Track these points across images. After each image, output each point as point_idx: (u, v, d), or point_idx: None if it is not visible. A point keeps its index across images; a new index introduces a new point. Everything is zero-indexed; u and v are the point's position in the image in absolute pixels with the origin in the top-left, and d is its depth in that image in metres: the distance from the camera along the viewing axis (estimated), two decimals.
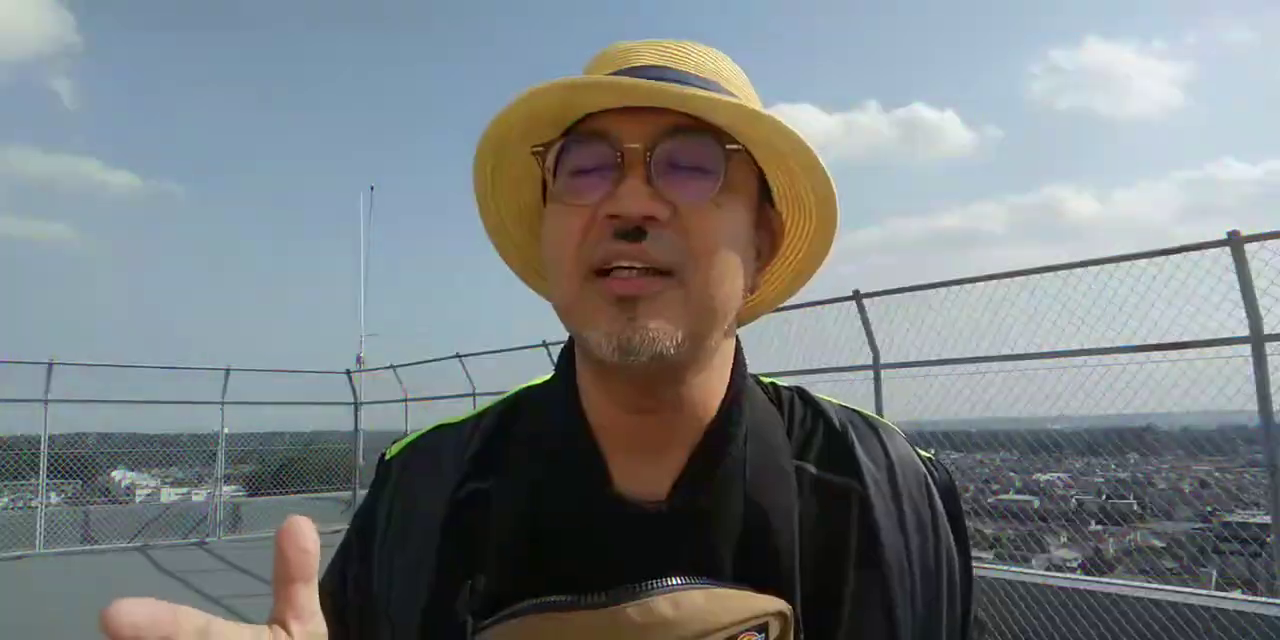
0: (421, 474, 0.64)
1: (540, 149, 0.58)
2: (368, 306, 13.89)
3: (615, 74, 0.58)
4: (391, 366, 11.33)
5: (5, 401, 9.31)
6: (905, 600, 0.58)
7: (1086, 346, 4.60)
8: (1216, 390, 4.12)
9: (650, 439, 0.59)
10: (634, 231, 0.53)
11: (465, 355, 9.84)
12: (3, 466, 9.90)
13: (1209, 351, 4.12)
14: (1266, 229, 3.90)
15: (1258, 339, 3.88)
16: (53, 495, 10.21)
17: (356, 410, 12.06)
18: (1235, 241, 3.93)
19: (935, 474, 0.65)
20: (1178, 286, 4.19)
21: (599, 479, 0.58)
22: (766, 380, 0.69)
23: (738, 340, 0.64)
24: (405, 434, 0.69)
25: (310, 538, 0.39)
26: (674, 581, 0.52)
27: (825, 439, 0.63)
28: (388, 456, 0.68)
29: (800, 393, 0.68)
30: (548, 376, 0.67)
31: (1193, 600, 4.05)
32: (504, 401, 0.68)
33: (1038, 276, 4.86)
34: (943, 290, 5.32)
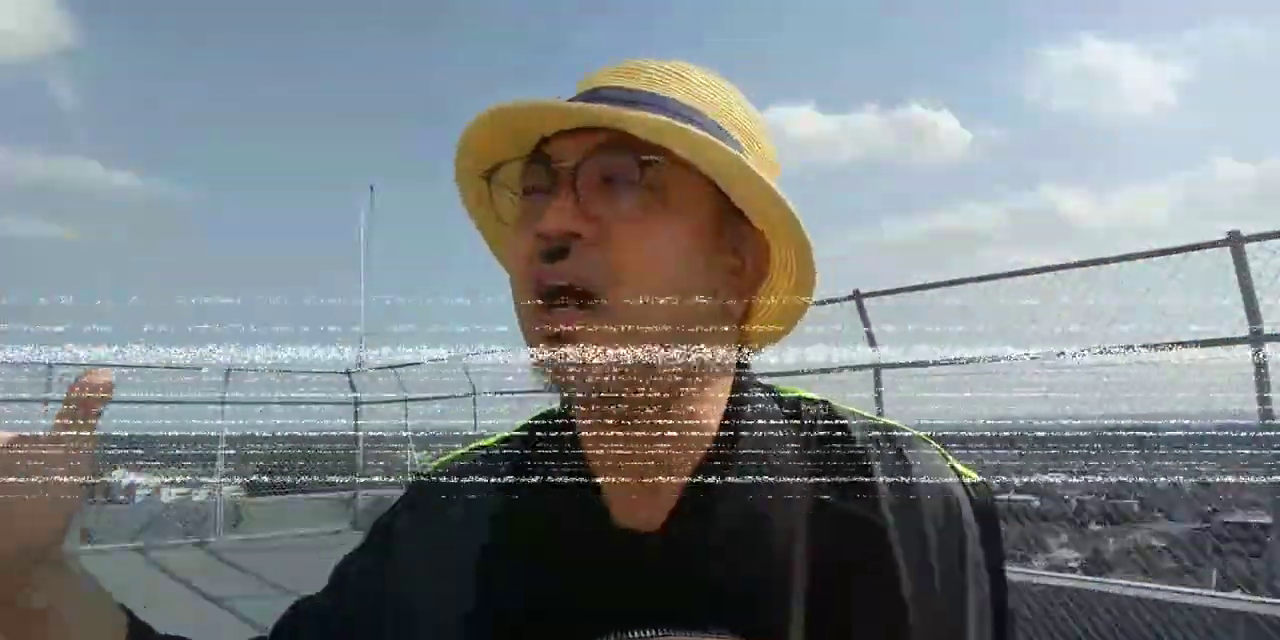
0: (454, 497, 0.64)
1: (487, 172, 0.59)
2: (368, 306, 13.89)
3: (575, 98, 0.59)
4: (391, 366, 11.33)
5: (5, 402, 9.31)
6: (923, 631, 0.54)
7: (1086, 346, 4.59)
8: (1216, 390, 4.12)
9: (644, 467, 0.57)
10: (556, 251, 0.53)
11: (465, 355, 9.84)
12: None
13: (1209, 351, 4.12)
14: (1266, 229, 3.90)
15: (1258, 339, 3.88)
16: None
17: (356, 410, 12.07)
18: (1235, 241, 3.93)
19: (970, 493, 0.60)
20: (1178, 286, 4.19)
21: (596, 510, 0.57)
22: (790, 394, 0.65)
23: (744, 361, 0.62)
24: (406, 433, 0.70)
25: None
26: (650, 632, 0.49)
27: (843, 462, 0.59)
28: (421, 477, 0.68)
29: (827, 407, 0.63)
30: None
31: (1192, 600, 4.05)
32: (526, 427, 0.67)
33: (1037, 276, 4.85)
34: (942, 290, 5.31)
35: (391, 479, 11.47)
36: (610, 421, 0.56)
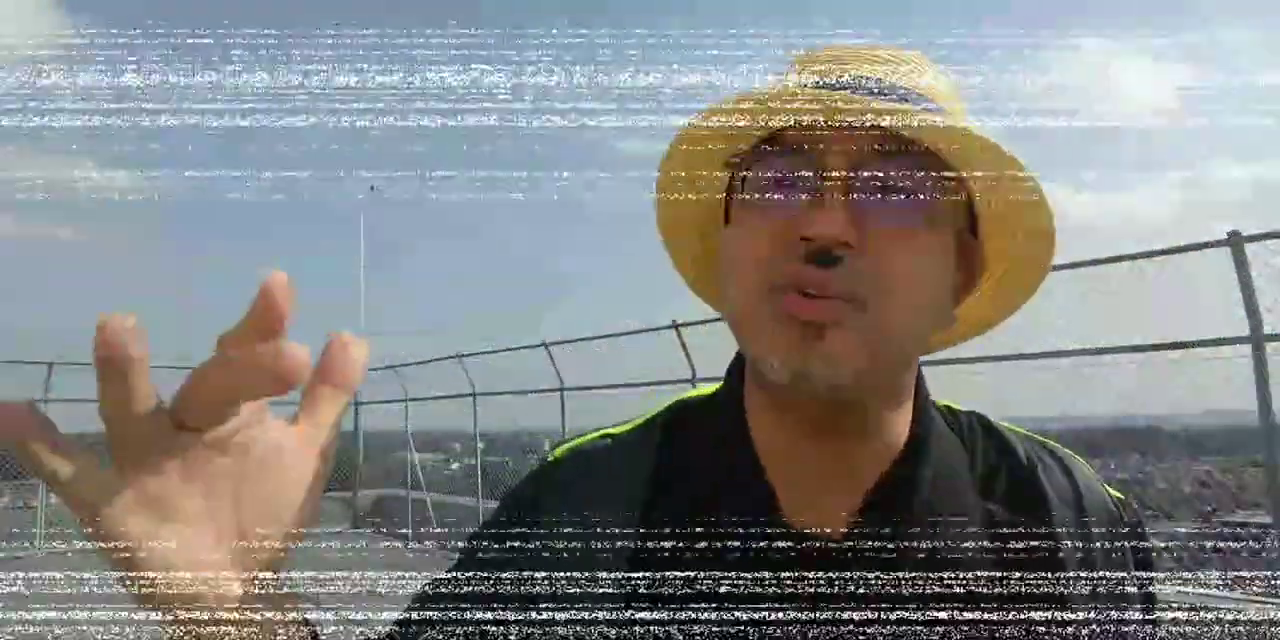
0: (592, 480, 0.62)
1: (736, 159, 0.56)
2: (368, 307, 13.90)
3: (822, 87, 0.56)
4: (392, 366, 11.34)
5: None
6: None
7: (1086, 346, 4.60)
8: (1216, 390, 4.12)
9: (825, 469, 0.56)
10: (826, 256, 0.49)
11: (465, 355, 9.84)
12: (3, 466, 9.89)
13: (1209, 351, 4.12)
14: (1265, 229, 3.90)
15: (1258, 339, 3.88)
16: (53, 495, 10.21)
17: (356, 410, 12.07)
18: (1235, 241, 3.93)
19: (1123, 512, 0.61)
20: (1178, 286, 4.19)
21: (766, 506, 0.55)
22: (942, 403, 0.65)
23: (920, 371, 0.61)
24: (406, 434, 0.69)
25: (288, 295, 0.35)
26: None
27: (1010, 474, 0.60)
28: (553, 458, 0.65)
29: (980, 420, 0.64)
30: (710, 389, 0.65)
31: (1193, 600, 4.05)
32: (666, 414, 0.65)
33: None
34: None
35: (391, 479, 11.49)
36: (811, 417, 0.54)
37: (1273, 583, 4.03)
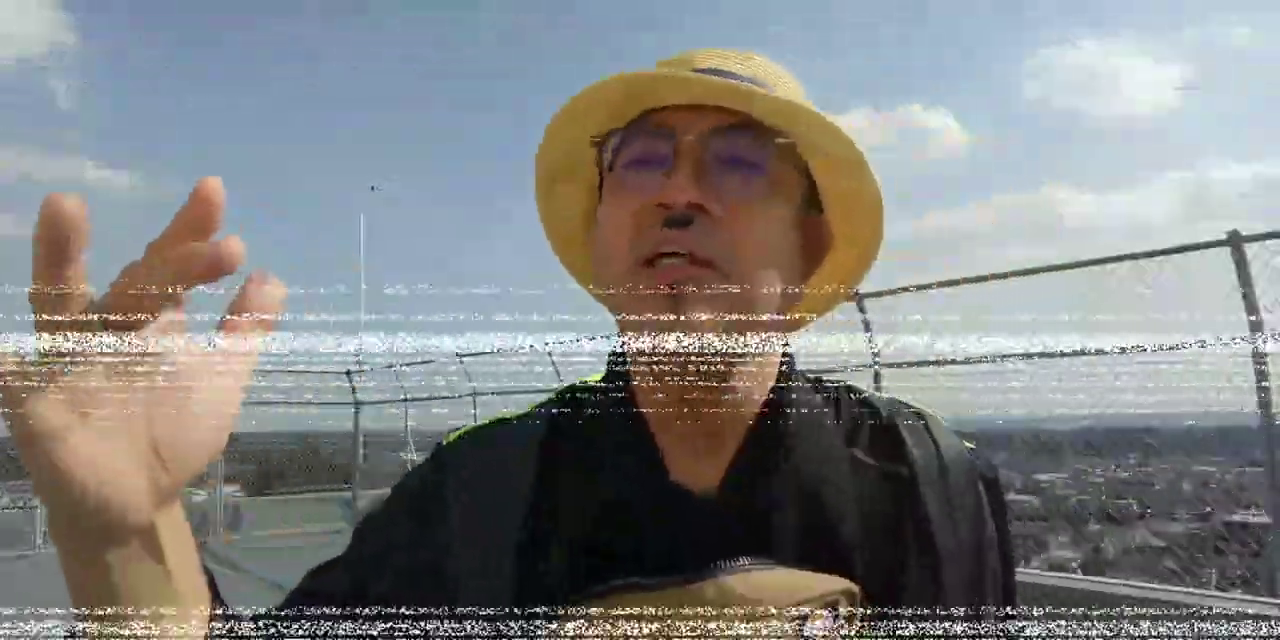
0: (486, 460, 0.64)
1: (599, 139, 0.60)
2: (368, 306, 13.89)
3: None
4: (392, 366, 11.34)
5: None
6: (955, 582, 0.59)
7: (1086, 346, 4.60)
8: (1216, 390, 4.12)
9: (702, 429, 0.59)
10: (682, 219, 0.54)
11: (465, 355, 9.84)
12: (3, 467, 9.89)
13: (1209, 351, 4.12)
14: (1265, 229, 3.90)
15: (1258, 339, 3.88)
16: None
17: (356, 410, 12.07)
18: (1235, 241, 3.93)
19: (979, 464, 0.66)
20: (1178, 286, 4.19)
21: (656, 468, 0.59)
22: (812, 376, 0.70)
23: (785, 341, 0.65)
24: (405, 434, 0.69)
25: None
26: (743, 561, 0.54)
27: (874, 428, 0.64)
28: (446, 443, 0.68)
29: (848, 387, 0.69)
30: (599, 375, 0.68)
31: (1192, 600, 4.05)
32: (559, 396, 0.69)
33: (1037, 276, 4.86)
34: (942, 290, 5.31)
35: (391, 479, 11.46)
36: (682, 383, 0.57)
37: (1272, 583, 4.02)
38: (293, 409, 11.85)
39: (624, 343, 0.62)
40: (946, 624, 0.57)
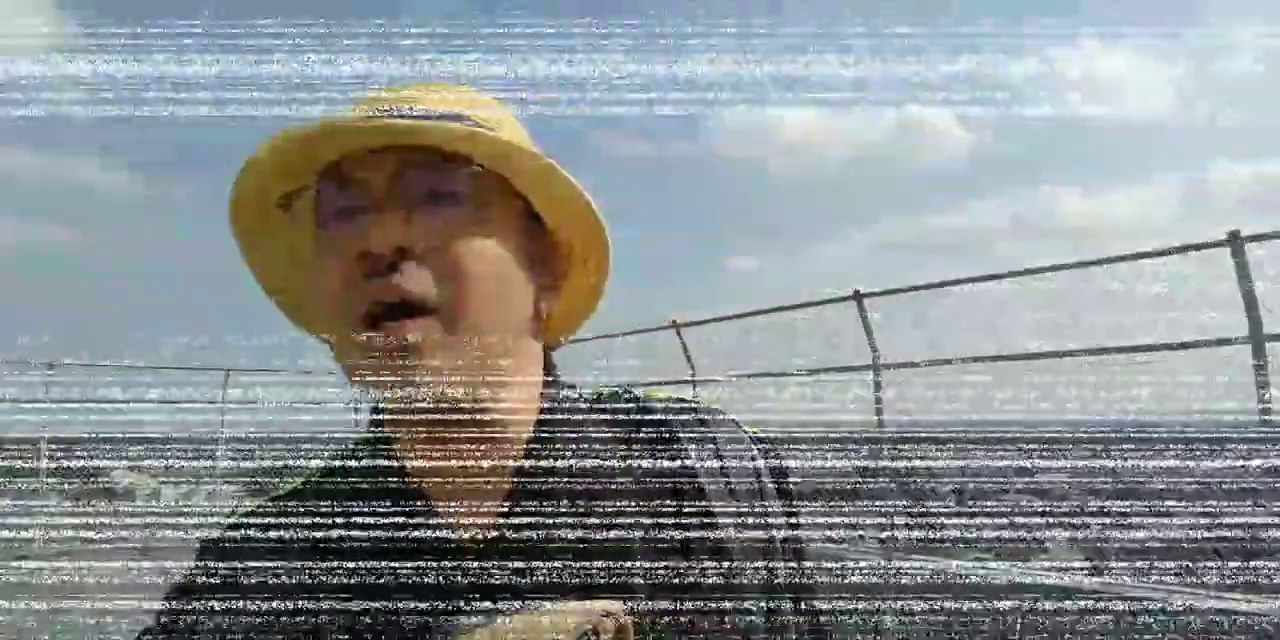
0: (254, 546, 0.60)
1: (284, 202, 0.58)
2: None
3: (366, 116, 0.57)
4: None
5: (5, 401, 9.31)
6: (749, 578, 0.59)
7: (1086, 346, 4.60)
8: (1216, 390, 4.12)
9: (469, 471, 0.58)
10: (386, 266, 0.52)
11: None
12: (3, 467, 9.89)
13: (1208, 351, 4.12)
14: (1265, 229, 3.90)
15: (1258, 339, 3.88)
16: (52, 497, 10.20)
17: (356, 410, 12.06)
18: (1235, 241, 3.93)
19: (758, 447, 0.66)
20: (1178, 286, 4.19)
21: (424, 521, 0.57)
22: (598, 391, 0.69)
23: (550, 357, 0.65)
24: None
25: None
26: (503, 606, 0.53)
27: (650, 432, 0.64)
28: (225, 531, 0.63)
29: (624, 392, 0.68)
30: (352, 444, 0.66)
31: (1193, 600, 4.05)
32: (322, 467, 0.66)
33: (1037, 276, 4.86)
34: (942, 290, 5.32)
35: None
36: (445, 434, 0.56)
37: (1272, 583, 4.02)
38: (292, 409, 11.83)
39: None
40: (736, 618, 0.57)
